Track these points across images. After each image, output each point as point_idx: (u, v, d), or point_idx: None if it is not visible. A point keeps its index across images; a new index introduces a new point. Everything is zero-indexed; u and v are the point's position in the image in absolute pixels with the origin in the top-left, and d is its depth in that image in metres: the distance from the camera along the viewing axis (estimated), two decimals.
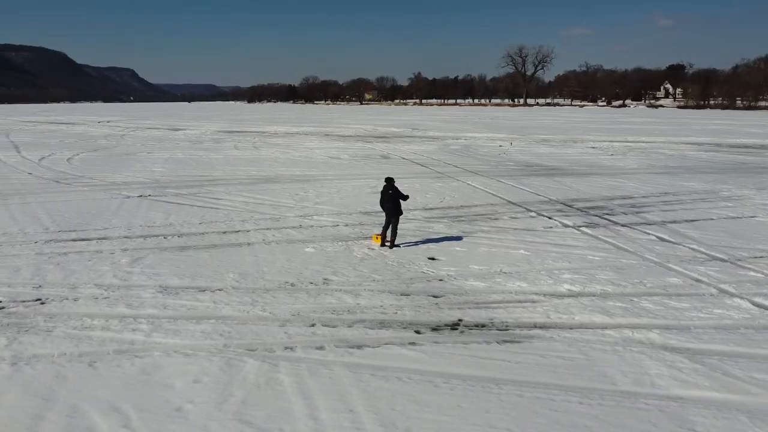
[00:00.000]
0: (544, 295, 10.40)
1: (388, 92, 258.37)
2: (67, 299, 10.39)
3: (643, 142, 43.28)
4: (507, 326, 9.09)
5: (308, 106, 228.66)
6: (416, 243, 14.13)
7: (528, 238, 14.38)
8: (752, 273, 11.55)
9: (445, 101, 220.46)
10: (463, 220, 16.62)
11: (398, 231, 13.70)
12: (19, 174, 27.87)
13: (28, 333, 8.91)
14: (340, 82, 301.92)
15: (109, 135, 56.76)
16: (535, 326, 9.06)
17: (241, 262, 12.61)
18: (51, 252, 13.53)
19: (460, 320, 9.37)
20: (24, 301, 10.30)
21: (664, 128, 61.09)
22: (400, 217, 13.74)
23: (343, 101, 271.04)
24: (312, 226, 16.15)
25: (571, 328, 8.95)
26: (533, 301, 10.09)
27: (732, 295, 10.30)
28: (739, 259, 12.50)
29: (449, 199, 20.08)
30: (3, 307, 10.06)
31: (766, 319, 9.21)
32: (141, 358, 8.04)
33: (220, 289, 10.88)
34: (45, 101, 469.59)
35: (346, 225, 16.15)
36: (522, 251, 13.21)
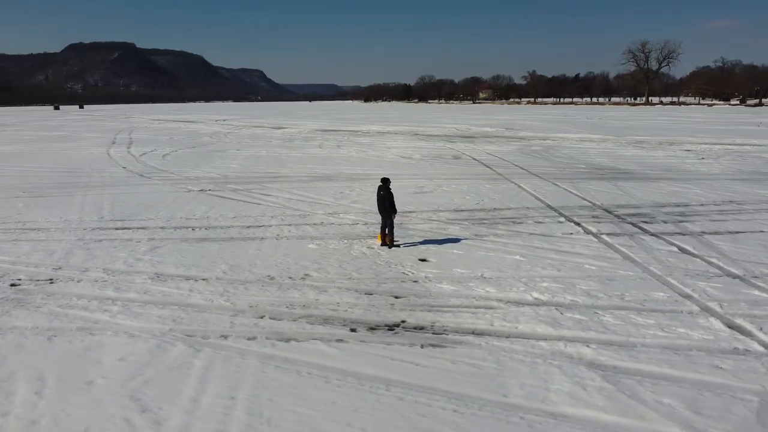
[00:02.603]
0: (506, 302, 10.17)
1: (503, 91, 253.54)
2: (72, 280, 11.67)
3: (750, 145, 39.42)
4: (444, 330, 9.05)
5: (420, 105, 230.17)
6: (419, 243, 14.19)
7: (536, 244, 13.94)
8: (756, 292, 10.50)
9: (561, 100, 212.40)
10: (484, 223, 16.37)
11: (409, 231, 13.82)
12: (114, 168, 30.93)
13: (21, 307, 10.17)
14: (456, 81, 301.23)
15: (216, 133, 60.91)
16: (473, 333, 8.94)
17: (242, 255, 13.38)
18: (89, 238, 15.12)
19: (402, 321, 9.45)
20: (38, 280, 11.71)
21: None
22: (395, 215, 13.89)
23: (456, 100, 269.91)
24: (332, 223, 16.66)
25: (507, 337, 8.74)
26: (489, 308, 9.91)
27: (712, 314, 9.48)
28: (756, 276, 11.38)
29: (487, 201, 19.77)
30: (18, 284, 11.48)
31: (728, 342, 8.43)
32: (93, 335, 8.96)
33: (204, 279, 11.68)
34: (182, 101, 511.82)
35: (365, 224, 16.48)
36: (517, 257, 12.87)
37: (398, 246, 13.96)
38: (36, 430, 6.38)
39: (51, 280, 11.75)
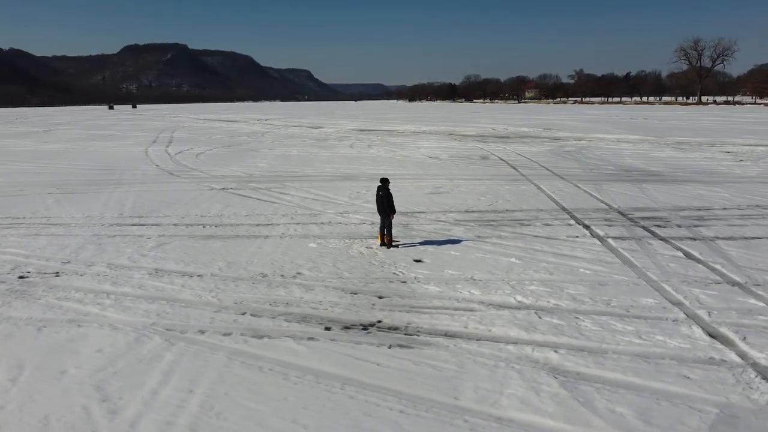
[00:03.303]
0: (488, 304, 10.11)
1: (549, 90, 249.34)
2: (76, 274, 12.19)
3: None
4: (418, 332, 9.08)
5: (464, 104, 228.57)
6: (419, 244, 14.21)
7: (537, 247, 13.77)
8: (752, 300, 10.12)
9: (609, 100, 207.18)
10: (491, 225, 16.24)
11: (413, 231, 13.88)
12: (147, 166, 31.96)
13: (23, 299, 10.70)
14: (502, 80, 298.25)
15: (254, 132, 62.09)
16: (445, 334, 8.94)
17: (242, 252, 13.69)
18: (104, 234, 15.73)
19: (378, 321, 9.52)
20: (45, 273, 12.28)
21: None
22: (394, 216, 13.96)
23: (501, 100, 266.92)
24: (339, 223, 16.83)
25: (477, 340, 8.71)
26: (469, 310, 9.88)
27: (697, 322, 9.20)
28: (758, 284, 10.96)
29: (501, 202, 19.58)
30: (27, 276, 12.07)
31: (704, 351, 8.17)
32: (80, 327, 9.36)
33: (199, 276, 12.02)
34: (231, 100, 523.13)
35: (372, 224, 16.57)
36: (513, 259, 12.75)
37: (397, 246, 14.01)
38: (1, 415, 6.72)
39: (57, 273, 12.30)
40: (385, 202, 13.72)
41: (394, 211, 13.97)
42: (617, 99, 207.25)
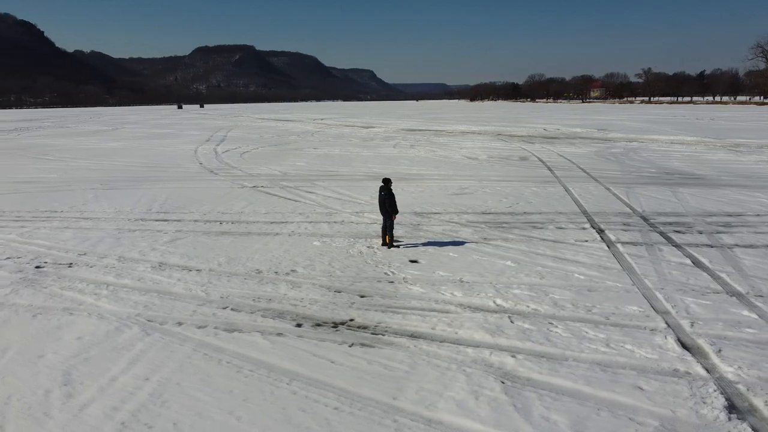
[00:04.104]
0: (465, 307, 10.06)
1: (615, 90, 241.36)
2: (87, 266, 12.91)
3: None
4: (385, 331, 9.16)
5: (525, 104, 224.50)
6: (421, 245, 14.23)
7: (539, 250, 13.54)
8: (746, 312, 9.64)
9: (678, 99, 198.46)
10: (502, 227, 16.05)
11: (420, 232, 13.98)
12: (191, 164, 33.20)
13: (31, 287, 11.45)
14: (567, 79, 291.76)
15: (305, 132, 63.25)
16: (411, 335, 8.98)
17: (247, 249, 14.10)
18: (126, 228, 16.54)
19: (351, 320, 9.66)
20: (60, 264, 13.06)
21: None
22: (395, 216, 14.02)
23: (565, 99, 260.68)
24: (351, 222, 17.04)
25: (441, 342, 8.71)
26: (444, 312, 9.87)
27: (677, 332, 8.87)
28: (760, 295, 10.42)
29: (522, 204, 19.28)
30: (42, 266, 12.89)
31: (670, 363, 7.88)
32: (72, 315, 9.95)
33: (198, 270, 12.49)
34: (295, 100, 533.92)
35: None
36: (509, 262, 12.60)
37: (398, 246, 14.08)
38: None
39: (70, 264, 13.05)
40: (386, 202, 13.80)
41: (396, 212, 14.03)
42: (688, 99, 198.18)
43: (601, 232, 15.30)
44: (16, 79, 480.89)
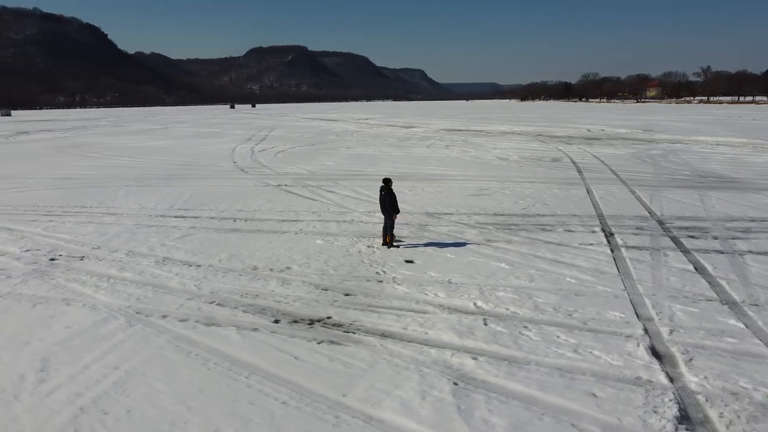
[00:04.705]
0: (444, 308, 10.08)
1: (672, 89, 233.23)
2: (96, 259, 13.53)
3: None
4: (357, 330, 9.29)
5: (576, 104, 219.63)
6: (422, 245, 14.28)
7: (539, 253, 13.38)
8: (732, 321, 9.30)
9: (740, 99, 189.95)
10: (510, 229, 15.91)
11: (426, 232, 14.07)
12: (225, 163, 34.10)
13: (40, 278, 12.10)
14: (622, 78, 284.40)
15: (345, 131, 63.86)
16: (381, 334, 9.08)
17: (251, 246, 14.47)
18: (144, 224, 17.20)
19: (328, 317, 9.82)
20: (72, 257, 13.73)
21: None
22: (396, 216, 14.10)
23: (618, 99, 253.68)
24: (360, 221, 17.22)
25: (408, 342, 8.78)
26: (421, 312, 9.91)
27: (654, 339, 8.66)
28: (756, 304, 10.03)
29: (538, 206, 19.02)
30: (56, 259, 13.58)
31: (634, 370, 7.70)
32: (68, 305, 10.48)
33: (198, 266, 12.91)
34: (346, 100, 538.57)
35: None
36: (503, 264, 12.51)
37: (398, 246, 14.15)
38: None
39: (82, 257, 13.70)
40: (387, 202, 13.90)
41: (396, 211, 14.11)
42: (750, 98, 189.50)
43: (610, 235, 14.97)
44: (82, 79, 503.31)
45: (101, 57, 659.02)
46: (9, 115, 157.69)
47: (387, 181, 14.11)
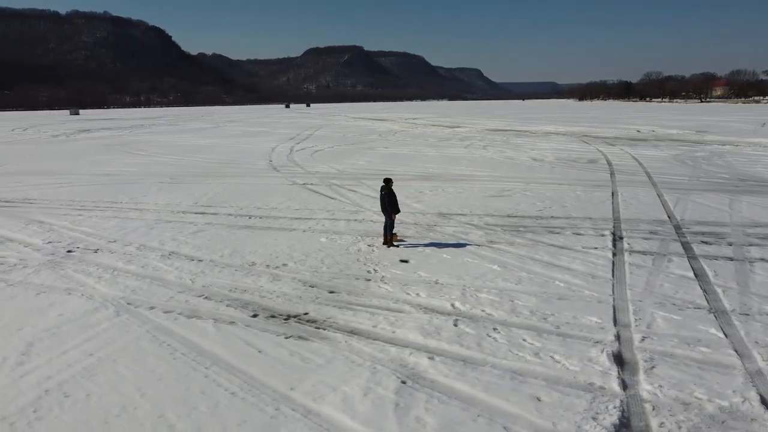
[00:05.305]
0: (421, 307, 10.15)
1: (740, 88, 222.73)
2: (109, 252, 14.23)
3: None
4: (329, 326, 9.48)
5: (635, 104, 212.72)
6: (422, 245, 14.34)
7: (537, 256, 13.23)
8: (713, 330, 8.99)
9: None
10: (517, 231, 15.76)
11: (431, 233, 14.20)
12: (260, 161, 34.92)
13: (50, 268, 12.84)
14: (687, 77, 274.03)
15: (388, 131, 64.13)
16: (350, 332, 9.24)
17: (257, 243, 14.88)
18: (164, 219, 17.91)
19: (305, 313, 10.06)
20: (88, 249, 14.48)
21: None
22: (395, 215, 14.22)
23: (681, 99, 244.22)
24: (371, 220, 17.41)
25: (374, 339, 8.91)
26: (396, 311, 10.02)
27: (623, 345, 8.49)
28: (746, 314, 9.66)
29: (555, 209, 18.73)
30: (73, 251, 14.36)
31: (588, 376, 7.59)
32: (69, 295, 11.10)
33: (200, 260, 13.40)
34: (400, 99, 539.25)
35: (400, 223, 16.88)
36: (495, 266, 12.45)
37: (397, 246, 14.25)
38: None
39: (96, 250, 14.42)
40: (386, 201, 14.03)
41: (396, 211, 14.22)
42: None
43: (619, 239, 14.63)
44: (147, 80, 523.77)
45: (166, 58, 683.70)
46: (77, 114, 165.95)
47: (387, 181, 14.23)
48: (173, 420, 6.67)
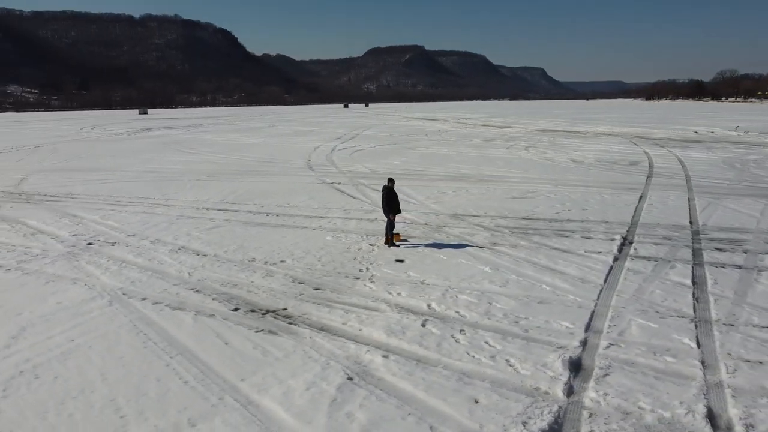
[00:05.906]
0: (396, 307, 10.26)
1: None
2: (124, 245, 14.99)
3: None
4: (302, 322, 9.74)
5: (707, 103, 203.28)
6: (423, 245, 14.41)
7: (535, 259, 13.08)
8: (686, 340, 8.71)
9: None
10: (524, 233, 15.59)
11: (438, 234, 14.37)
12: (299, 160, 35.70)
13: (67, 260, 13.67)
14: (765, 75, 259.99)
15: (435, 131, 64.00)
16: (321, 328, 9.46)
17: (264, 239, 15.33)
18: (187, 215, 18.68)
19: (283, 309, 10.36)
20: (106, 242, 15.31)
21: None
22: (394, 216, 14.33)
23: (757, 98, 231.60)
24: (383, 220, 17.48)
25: (339, 336, 9.10)
26: (372, 310, 10.17)
27: (583, 352, 8.36)
28: (731, 324, 9.30)
29: (574, 211, 18.37)
30: (93, 243, 15.21)
31: (534, 381, 7.52)
32: (74, 284, 11.82)
33: (205, 255, 13.95)
34: (461, 99, 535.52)
35: (410, 223, 17.01)
36: (487, 268, 12.40)
37: (398, 245, 14.37)
38: None
39: (114, 243, 15.22)
40: (384, 202, 14.17)
41: (397, 212, 14.34)
42: None
43: (628, 244, 14.23)
44: (213, 80, 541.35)
45: (232, 59, 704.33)
46: (146, 113, 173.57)
47: (390, 181, 14.35)
48: (122, 404, 7.06)
